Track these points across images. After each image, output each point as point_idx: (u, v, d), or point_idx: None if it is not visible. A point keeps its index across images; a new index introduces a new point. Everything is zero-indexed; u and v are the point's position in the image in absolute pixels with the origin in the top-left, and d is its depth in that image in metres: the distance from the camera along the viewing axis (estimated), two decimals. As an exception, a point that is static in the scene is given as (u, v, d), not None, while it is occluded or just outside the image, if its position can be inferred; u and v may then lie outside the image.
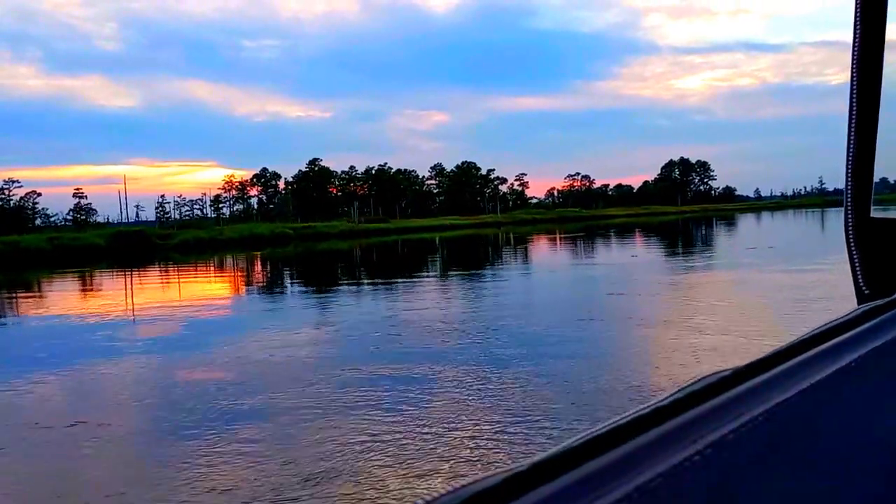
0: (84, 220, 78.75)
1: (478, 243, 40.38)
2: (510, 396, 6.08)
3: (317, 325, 11.33)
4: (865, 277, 1.26)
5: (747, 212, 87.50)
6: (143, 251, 40.12)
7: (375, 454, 4.76)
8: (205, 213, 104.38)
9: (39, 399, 6.98)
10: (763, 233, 38.34)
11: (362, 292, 16.42)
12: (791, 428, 0.61)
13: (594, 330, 9.41)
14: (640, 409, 0.52)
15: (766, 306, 10.77)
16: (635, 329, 9.36)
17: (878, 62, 1.24)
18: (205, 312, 13.50)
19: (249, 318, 12.83)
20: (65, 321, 13.02)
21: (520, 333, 9.18)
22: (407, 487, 4.17)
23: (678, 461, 0.48)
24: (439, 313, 11.48)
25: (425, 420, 5.50)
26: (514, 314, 11.02)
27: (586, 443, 0.46)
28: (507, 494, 0.41)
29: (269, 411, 6.01)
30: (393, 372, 7.20)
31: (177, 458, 4.92)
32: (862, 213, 1.28)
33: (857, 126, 1.26)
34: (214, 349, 9.14)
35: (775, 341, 0.68)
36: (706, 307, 10.74)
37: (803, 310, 9.81)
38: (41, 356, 9.33)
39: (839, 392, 0.70)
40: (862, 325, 0.82)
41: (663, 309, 11.02)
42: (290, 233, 50.90)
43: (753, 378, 0.61)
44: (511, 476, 0.42)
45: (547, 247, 34.70)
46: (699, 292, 12.92)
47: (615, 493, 0.43)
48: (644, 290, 13.70)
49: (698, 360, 7.05)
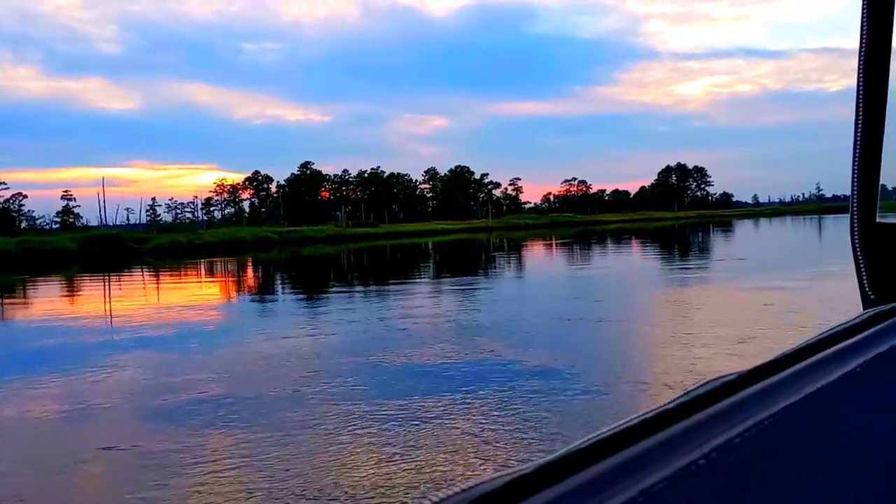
0: (72, 223, 77.91)
1: (456, 250, 39.37)
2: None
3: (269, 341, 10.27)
4: (871, 282, 1.26)
5: (743, 218, 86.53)
6: (117, 256, 39.01)
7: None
8: (196, 216, 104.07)
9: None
10: (744, 242, 37.11)
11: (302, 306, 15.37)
12: (797, 432, 0.61)
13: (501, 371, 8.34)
14: (646, 413, 0.52)
15: (689, 343, 9.70)
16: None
17: (884, 68, 1.24)
18: (146, 329, 12.41)
19: (192, 334, 11.70)
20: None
21: (411, 368, 8.10)
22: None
23: (684, 465, 0.48)
24: (310, 340, 10.41)
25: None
26: (416, 341, 9.94)
27: (592, 445, 0.47)
28: (513, 496, 0.41)
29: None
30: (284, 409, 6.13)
31: None
32: (868, 218, 1.28)
33: (863, 132, 1.25)
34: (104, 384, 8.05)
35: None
36: (638, 344, 9.68)
37: (734, 353, 8.64)
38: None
39: (845, 396, 0.70)
40: (868, 330, 0.83)
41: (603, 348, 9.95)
42: (275, 237, 49.79)
43: (759, 382, 0.61)
44: (516, 478, 0.42)
45: (528, 254, 33.69)
46: (642, 318, 11.84)
47: (620, 496, 0.43)
48: (593, 315, 12.62)
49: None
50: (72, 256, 38.67)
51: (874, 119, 1.25)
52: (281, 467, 4.57)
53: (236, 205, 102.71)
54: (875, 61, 1.23)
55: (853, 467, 0.71)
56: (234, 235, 46.99)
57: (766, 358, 0.66)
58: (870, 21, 1.21)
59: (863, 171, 1.27)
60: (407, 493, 4.07)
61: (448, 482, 3.52)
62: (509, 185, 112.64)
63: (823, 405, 0.65)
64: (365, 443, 5.01)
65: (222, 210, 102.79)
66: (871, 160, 1.26)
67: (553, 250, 35.46)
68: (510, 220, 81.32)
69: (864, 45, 1.22)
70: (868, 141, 1.25)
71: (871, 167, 1.27)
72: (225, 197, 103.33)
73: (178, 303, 16.31)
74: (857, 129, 1.25)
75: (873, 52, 1.22)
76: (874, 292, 1.25)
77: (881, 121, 1.25)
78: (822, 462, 0.65)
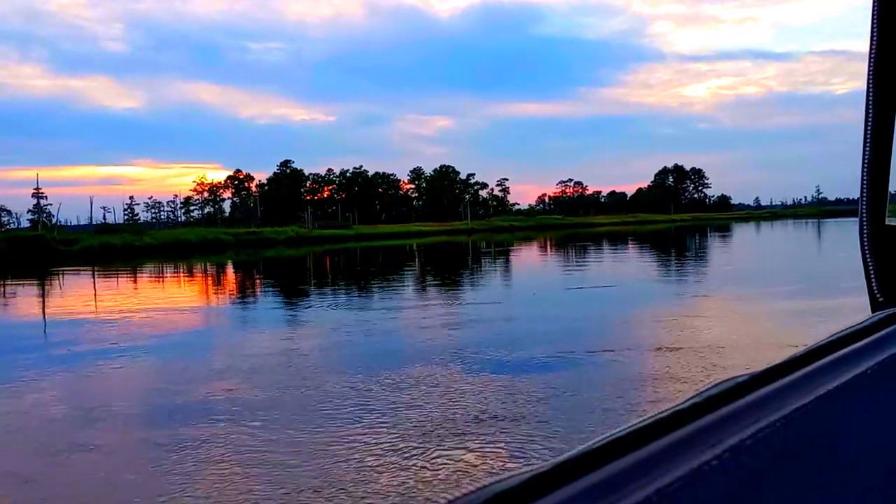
0: (47, 222, 74.33)
1: (419, 255, 35.84)
2: None
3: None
4: (880, 285, 1.25)
5: (741, 221, 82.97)
6: (40, 258, 35.39)
7: None
8: (176, 215, 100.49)
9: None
10: (721, 251, 33.76)
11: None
12: (809, 433, 0.61)
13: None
14: (660, 413, 0.52)
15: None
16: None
17: (894, 70, 1.22)
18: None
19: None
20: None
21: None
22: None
23: (697, 465, 0.48)
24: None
25: None
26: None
27: (607, 445, 0.47)
28: (529, 494, 0.41)
29: None
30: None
31: None
32: (877, 221, 1.27)
33: (873, 134, 1.24)
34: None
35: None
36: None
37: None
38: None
39: (856, 398, 0.70)
40: (877, 333, 0.83)
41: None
42: (230, 239, 46.21)
43: (771, 383, 0.62)
44: (533, 476, 0.42)
45: (488, 263, 30.07)
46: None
47: (635, 495, 0.43)
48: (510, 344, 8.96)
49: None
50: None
51: (884, 121, 1.23)
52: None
53: (216, 204, 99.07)
54: (885, 63, 1.21)
55: (864, 468, 0.71)
56: (178, 237, 43.23)
57: (778, 360, 0.66)
58: (880, 23, 1.19)
59: (872, 173, 1.25)
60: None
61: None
62: (496, 186, 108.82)
63: (835, 407, 0.65)
64: None
65: (202, 210, 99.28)
66: (880, 163, 1.25)
67: (521, 258, 31.94)
68: (495, 222, 77.58)
69: (874, 48, 1.20)
70: (878, 143, 1.24)
71: (880, 170, 1.25)
72: (205, 196, 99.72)
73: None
74: (866, 131, 1.24)
75: (883, 55, 1.21)
76: (883, 295, 1.24)
77: (891, 123, 1.24)
78: (833, 463, 0.65)
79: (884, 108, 1.22)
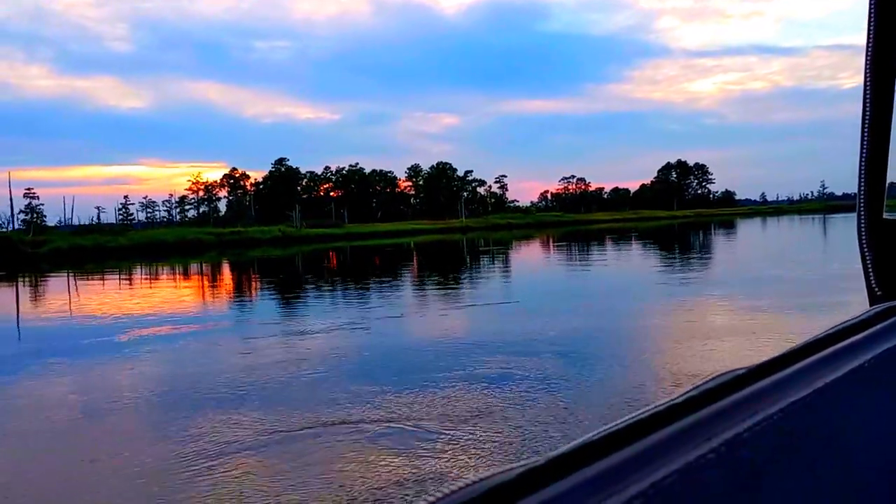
0: (39, 223, 72.89)
1: (408, 255, 34.21)
2: None
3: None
4: (878, 279, 1.25)
5: (745, 217, 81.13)
6: (7, 260, 33.83)
7: None
8: (172, 215, 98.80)
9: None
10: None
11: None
12: (806, 426, 0.61)
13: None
14: (656, 406, 0.52)
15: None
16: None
17: (891, 64, 1.21)
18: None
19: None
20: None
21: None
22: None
23: (694, 458, 0.48)
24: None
25: None
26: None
27: (602, 439, 0.47)
28: (525, 488, 0.41)
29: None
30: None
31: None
32: (875, 215, 1.26)
33: (871, 128, 1.24)
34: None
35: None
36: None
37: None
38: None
39: (853, 391, 0.70)
40: (875, 326, 0.83)
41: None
42: (212, 239, 44.60)
43: (768, 377, 0.61)
44: (527, 470, 0.42)
45: (477, 263, 28.42)
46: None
47: (631, 489, 0.43)
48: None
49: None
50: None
51: (881, 116, 1.22)
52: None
53: (211, 203, 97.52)
54: (882, 57, 1.20)
55: (862, 462, 0.71)
56: (152, 238, 41.60)
57: (776, 353, 0.66)
58: (877, 17, 1.19)
59: (870, 167, 1.24)
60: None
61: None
62: (495, 183, 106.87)
63: (832, 400, 0.65)
64: None
65: (197, 209, 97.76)
66: (878, 157, 1.24)
67: (508, 258, 30.29)
68: (492, 220, 75.75)
69: (870, 42, 1.20)
70: (875, 138, 1.23)
71: (878, 164, 1.24)
72: (201, 196, 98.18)
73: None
74: (864, 125, 1.23)
75: (880, 49, 1.20)
76: (881, 288, 1.24)
77: (888, 117, 1.23)
78: (831, 456, 0.65)
79: (881, 103, 1.21)
